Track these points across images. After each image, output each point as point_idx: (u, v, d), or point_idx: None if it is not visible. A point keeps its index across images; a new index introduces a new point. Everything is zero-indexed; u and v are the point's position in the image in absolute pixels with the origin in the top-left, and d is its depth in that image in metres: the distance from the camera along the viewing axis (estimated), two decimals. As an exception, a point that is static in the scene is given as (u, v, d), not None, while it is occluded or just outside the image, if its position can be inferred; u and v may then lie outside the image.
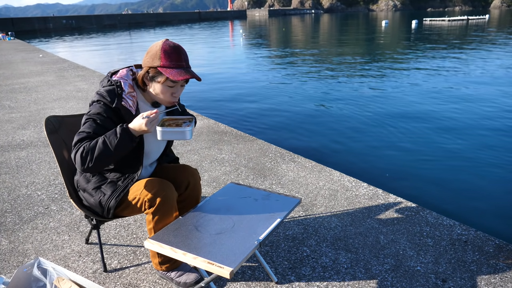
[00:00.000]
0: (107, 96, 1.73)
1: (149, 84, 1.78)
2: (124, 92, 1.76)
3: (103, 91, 1.75)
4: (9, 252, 2.33)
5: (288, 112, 7.81)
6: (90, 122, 1.72)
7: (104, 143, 1.64)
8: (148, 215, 1.82)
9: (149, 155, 1.94)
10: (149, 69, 1.74)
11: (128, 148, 1.68)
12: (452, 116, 7.17)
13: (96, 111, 1.73)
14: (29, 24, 60.87)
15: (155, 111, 1.66)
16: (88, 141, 1.68)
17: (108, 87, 1.77)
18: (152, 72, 1.74)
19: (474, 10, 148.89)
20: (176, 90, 1.79)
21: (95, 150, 1.65)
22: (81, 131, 1.71)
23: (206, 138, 4.45)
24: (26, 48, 21.07)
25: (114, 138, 1.64)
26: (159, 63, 1.71)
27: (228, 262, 1.48)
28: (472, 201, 4.08)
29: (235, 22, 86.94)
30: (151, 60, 1.73)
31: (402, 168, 4.95)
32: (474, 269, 2.07)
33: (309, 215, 2.66)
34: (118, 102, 1.73)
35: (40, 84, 8.61)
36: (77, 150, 1.67)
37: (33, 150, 4.20)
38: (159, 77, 1.73)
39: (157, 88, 1.76)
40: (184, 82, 1.80)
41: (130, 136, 1.66)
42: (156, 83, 1.76)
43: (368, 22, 64.08)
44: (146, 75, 1.76)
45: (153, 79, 1.75)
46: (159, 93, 1.77)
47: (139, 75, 1.79)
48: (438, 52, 17.52)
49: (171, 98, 1.79)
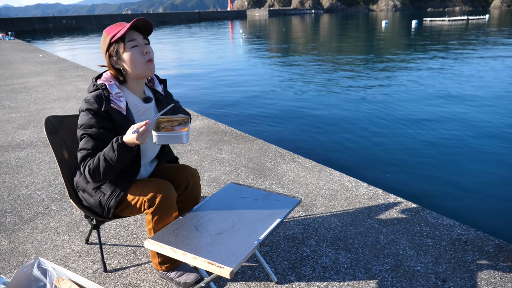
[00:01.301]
0: (94, 102, 1.72)
1: (121, 66, 1.78)
2: (111, 94, 1.75)
3: (90, 97, 1.74)
4: (9, 252, 2.33)
5: (288, 112, 7.81)
6: (87, 138, 1.74)
7: (105, 160, 1.69)
8: (147, 215, 1.82)
9: (146, 154, 1.94)
10: (109, 53, 1.76)
11: (129, 158, 1.72)
12: (452, 116, 7.16)
13: (89, 124, 1.73)
14: (29, 24, 60.86)
15: (144, 123, 1.61)
16: (90, 158, 1.72)
17: (94, 92, 1.76)
18: (113, 52, 1.75)
19: (474, 10, 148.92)
20: (143, 48, 1.77)
21: (99, 167, 1.70)
22: (81, 149, 1.74)
23: (206, 138, 4.45)
24: (26, 48, 21.07)
25: (113, 154, 1.67)
26: (109, 38, 1.75)
27: (228, 262, 1.48)
28: (472, 201, 4.08)
29: (235, 22, 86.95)
30: (105, 45, 1.77)
31: (402, 168, 4.95)
32: (474, 269, 2.07)
33: (309, 215, 2.66)
34: (106, 105, 1.72)
35: (40, 84, 8.61)
36: (84, 169, 1.74)
37: (33, 150, 4.20)
38: (119, 47, 1.74)
39: (126, 59, 1.75)
40: (145, 40, 1.79)
41: (127, 149, 1.67)
42: (123, 56, 1.75)
43: (368, 22, 64.07)
44: (112, 60, 1.78)
45: (117, 55, 1.76)
46: (132, 63, 1.75)
47: (107, 66, 1.81)
48: (438, 52, 17.52)
49: (143, 58, 1.76)
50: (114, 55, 1.76)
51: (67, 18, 69.12)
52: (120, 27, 1.76)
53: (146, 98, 1.89)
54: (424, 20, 56.94)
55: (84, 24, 70.55)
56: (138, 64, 1.76)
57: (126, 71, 1.79)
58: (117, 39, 1.74)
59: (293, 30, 44.36)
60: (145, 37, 1.80)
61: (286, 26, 55.23)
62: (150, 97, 1.93)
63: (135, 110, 1.85)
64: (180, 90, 10.61)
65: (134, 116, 1.84)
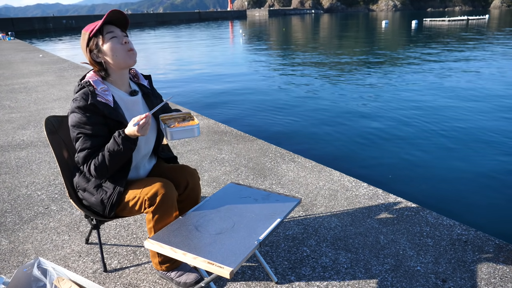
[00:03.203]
0: (81, 99, 1.73)
1: (102, 59, 1.80)
2: (97, 89, 1.77)
3: (76, 96, 1.76)
4: (9, 252, 2.33)
5: (288, 112, 7.81)
6: (83, 138, 1.75)
7: (111, 155, 1.72)
8: (148, 214, 1.82)
9: (139, 148, 1.92)
10: (89, 48, 1.78)
11: (133, 150, 1.76)
12: (452, 116, 7.16)
13: (81, 122, 1.74)
14: (29, 24, 60.88)
15: (144, 116, 1.67)
16: (93, 157, 1.75)
17: (80, 90, 1.78)
18: (92, 46, 1.78)
19: (474, 10, 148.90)
20: (122, 38, 1.80)
21: (105, 163, 1.73)
22: (80, 149, 1.76)
23: (206, 138, 4.45)
24: (26, 48, 21.07)
25: (118, 148, 1.71)
26: (88, 34, 1.78)
27: (228, 262, 1.48)
28: (472, 201, 4.08)
29: (235, 22, 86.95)
30: (84, 42, 1.80)
31: (402, 168, 4.95)
32: (474, 269, 2.07)
33: (309, 215, 2.66)
34: (93, 99, 1.74)
35: (40, 84, 8.61)
36: (88, 168, 1.77)
37: (33, 150, 4.20)
38: (98, 40, 1.77)
39: (106, 50, 1.77)
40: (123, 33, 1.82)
41: (130, 141, 1.71)
42: (103, 48, 1.77)
43: (368, 22, 64.07)
44: (92, 55, 1.80)
45: (97, 47, 1.78)
46: (112, 52, 1.77)
47: (89, 62, 1.82)
48: (438, 52, 17.51)
49: (124, 47, 1.79)
50: (94, 49, 1.78)
51: (67, 18, 69.13)
52: (97, 23, 1.79)
53: (132, 92, 1.92)
54: (424, 20, 56.95)
55: (84, 24, 70.04)
56: (119, 52, 1.78)
57: (108, 63, 1.81)
58: (95, 33, 1.77)
59: (293, 30, 44.36)
60: (123, 30, 1.84)
61: (286, 26, 55.23)
62: (136, 90, 1.95)
63: (122, 104, 1.86)
64: (180, 90, 10.61)
65: (123, 110, 1.85)
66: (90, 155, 1.75)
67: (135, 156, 1.91)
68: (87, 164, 1.76)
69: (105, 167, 1.74)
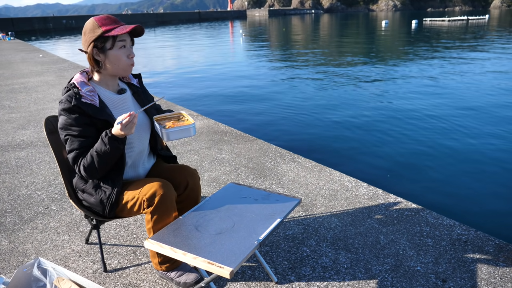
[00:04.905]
0: (66, 101, 1.74)
1: (102, 59, 1.79)
2: (81, 90, 1.77)
3: (62, 98, 1.78)
4: (9, 252, 2.33)
5: (288, 112, 7.81)
6: (71, 139, 1.77)
7: (99, 156, 1.73)
8: (147, 215, 1.82)
9: (132, 145, 1.91)
10: (95, 43, 1.75)
11: (122, 150, 1.76)
12: (452, 115, 7.16)
13: (68, 123, 1.75)
14: (29, 24, 60.88)
15: (128, 114, 1.67)
16: (81, 158, 1.77)
17: (66, 93, 1.79)
18: (100, 44, 1.76)
19: (474, 10, 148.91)
20: (129, 51, 1.81)
21: (94, 163, 1.74)
22: (69, 151, 1.78)
23: (206, 138, 4.45)
24: (26, 48, 21.07)
25: (105, 148, 1.71)
26: (101, 30, 1.74)
27: (228, 262, 1.48)
28: (472, 201, 4.08)
29: (235, 22, 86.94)
30: (92, 34, 1.75)
31: (402, 168, 4.95)
32: (474, 269, 2.07)
33: (309, 215, 2.66)
34: (77, 100, 1.74)
35: (40, 84, 8.61)
36: (78, 169, 1.79)
37: (33, 150, 4.20)
38: (107, 42, 1.76)
39: (111, 56, 1.77)
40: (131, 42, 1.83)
41: (118, 141, 1.71)
42: (108, 53, 1.77)
43: (368, 22, 64.07)
44: (94, 51, 1.77)
45: (103, 49, 1.76)
46: (116, 61, 1.78)
47: (88, 56, 1.80)
48: (438, 52, 17.51)
49: (128, 61, 1.81)
50: (99, 47, 1.77)
51: (67, 18, 69.10)
52: (116, 25, 1.77)
53: (120, 90, 1.92)
54: (424, 20, 56.97)
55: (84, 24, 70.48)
56: (121, 64, 1.80)
57: (105, 66, 1.81)
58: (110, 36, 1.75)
59: (293, 30, 44.36)
60: (132, 39, 1.85)
61: (286, 26, 55.23)
62: (124, 88, 1.95)
63: (110, 103, 1.87)
64: (180, 90, 10.62)
65: (110, 109, 1.85)
66: (79, 156, 1.77)
67: (129, 154, 1.91)
68: (77, 164, 1.78)
69: (94, 167, 1.75)
